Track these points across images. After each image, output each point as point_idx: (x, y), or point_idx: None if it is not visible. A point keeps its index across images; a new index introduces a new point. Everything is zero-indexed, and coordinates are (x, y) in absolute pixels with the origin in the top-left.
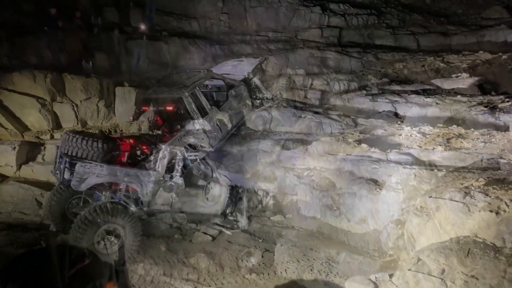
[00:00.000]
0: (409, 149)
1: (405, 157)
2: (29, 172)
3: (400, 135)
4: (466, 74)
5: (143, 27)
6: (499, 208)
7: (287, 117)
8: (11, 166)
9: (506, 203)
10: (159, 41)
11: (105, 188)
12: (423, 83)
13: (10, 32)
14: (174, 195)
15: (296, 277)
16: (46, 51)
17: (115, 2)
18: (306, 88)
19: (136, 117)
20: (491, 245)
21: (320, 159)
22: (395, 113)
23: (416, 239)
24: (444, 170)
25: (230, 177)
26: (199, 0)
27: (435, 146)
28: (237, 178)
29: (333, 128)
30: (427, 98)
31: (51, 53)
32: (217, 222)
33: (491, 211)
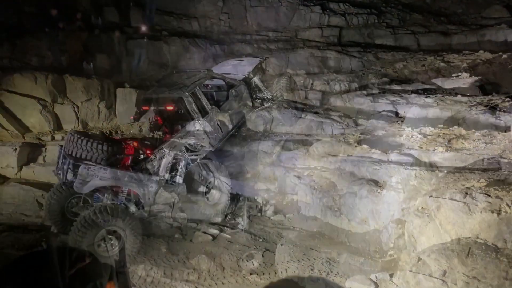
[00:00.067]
0: (410, 150)
1: (406, 158)
2: (30, 174)
3: (401, 136)
4: (467, 74)
5: (143, 27)
6: (500, 209)
7: (288, 118)
8: (12, 168)
9: (507, 204)
10: (159, 41)
11: (107, 191)
12: (424, 83)
13: (11, 33)
14: (175, 195)
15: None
16: (47, 52)
17: (115, 2)
18: (307, 89)
19: (137, 118)
20: (492, 246)
21: (321, 160)
22: (396, 113)
23: (417, 239)
24: (445, 171)
25: (231, 184)
26: (199, 0)
27: (436, 147)
28: (238, 185)
29: (334, 129)
30: (428, 98)
31: (52, 54)
32: (218, 223)
33: (492, 212)
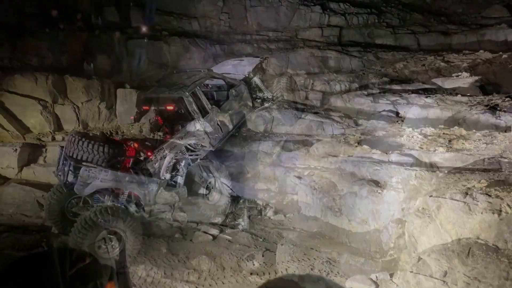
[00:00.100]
0: (411, 151)
1: (407, 159)
2: (31, 174)
3: (402, 136)
4: (467, 74)
5: (144, 27)
6: (501, 209)
7: (288, 118)
8: (13, 168)
9: (508, 204)
10: (159, 41)
11: (108, 192)
12: (424, 83)
13: (11, 34)
14: (175, 195)
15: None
16: (47, 53)
17: (115, 2)
18: (307, 89)
19: (137, 118)
20: (493, 246)
21: (321, 160)
22: (396, 113)
23: (417, 239)
24: (446, 171)
25: (231, 185)
26: (199, 0)
27: (437, 148)
28: (238, 186)
29: (334, 129)
30: (428, 98)
31: (52, 55)
32: (218, 223)
33: (493, 212)
